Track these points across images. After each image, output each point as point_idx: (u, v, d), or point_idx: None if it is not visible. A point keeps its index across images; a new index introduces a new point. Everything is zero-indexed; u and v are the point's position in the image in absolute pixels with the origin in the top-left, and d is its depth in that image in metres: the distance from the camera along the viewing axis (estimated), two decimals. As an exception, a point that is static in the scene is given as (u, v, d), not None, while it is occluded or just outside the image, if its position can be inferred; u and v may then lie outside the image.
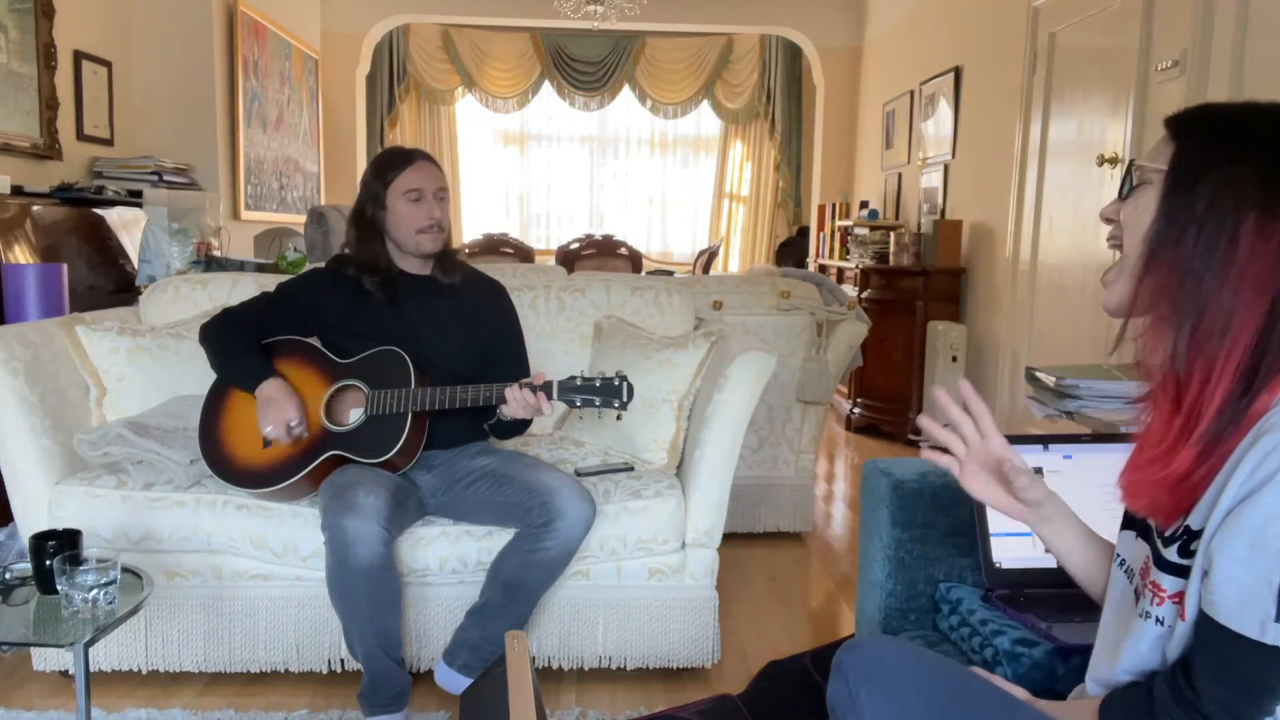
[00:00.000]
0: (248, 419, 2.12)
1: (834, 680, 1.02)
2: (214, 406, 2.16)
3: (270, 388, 2.08)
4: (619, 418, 2.07)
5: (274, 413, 2.05)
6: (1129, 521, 1.10)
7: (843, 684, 1.01)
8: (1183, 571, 0.95)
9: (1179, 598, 0.95)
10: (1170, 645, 0.96)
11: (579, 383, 2.01)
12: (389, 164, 2.20)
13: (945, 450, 1.27)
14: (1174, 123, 1.02)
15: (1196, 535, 0.94)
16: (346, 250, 2.26)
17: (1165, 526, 0.99)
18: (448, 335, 2.21)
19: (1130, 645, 1.00)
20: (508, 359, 2.28)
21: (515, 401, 2.00)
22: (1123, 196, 1.04)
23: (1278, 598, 0.85)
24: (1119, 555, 1.10)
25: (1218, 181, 0.94)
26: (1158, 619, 0.97)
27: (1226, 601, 0.88)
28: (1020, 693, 1.09)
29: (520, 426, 2.22)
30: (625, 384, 2.00)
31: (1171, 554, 0.96)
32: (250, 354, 2.14)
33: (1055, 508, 1.20)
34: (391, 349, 2.12)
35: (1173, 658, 0.96)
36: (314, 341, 2.21)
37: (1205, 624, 0.90)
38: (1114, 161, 3.36)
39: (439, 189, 2.20)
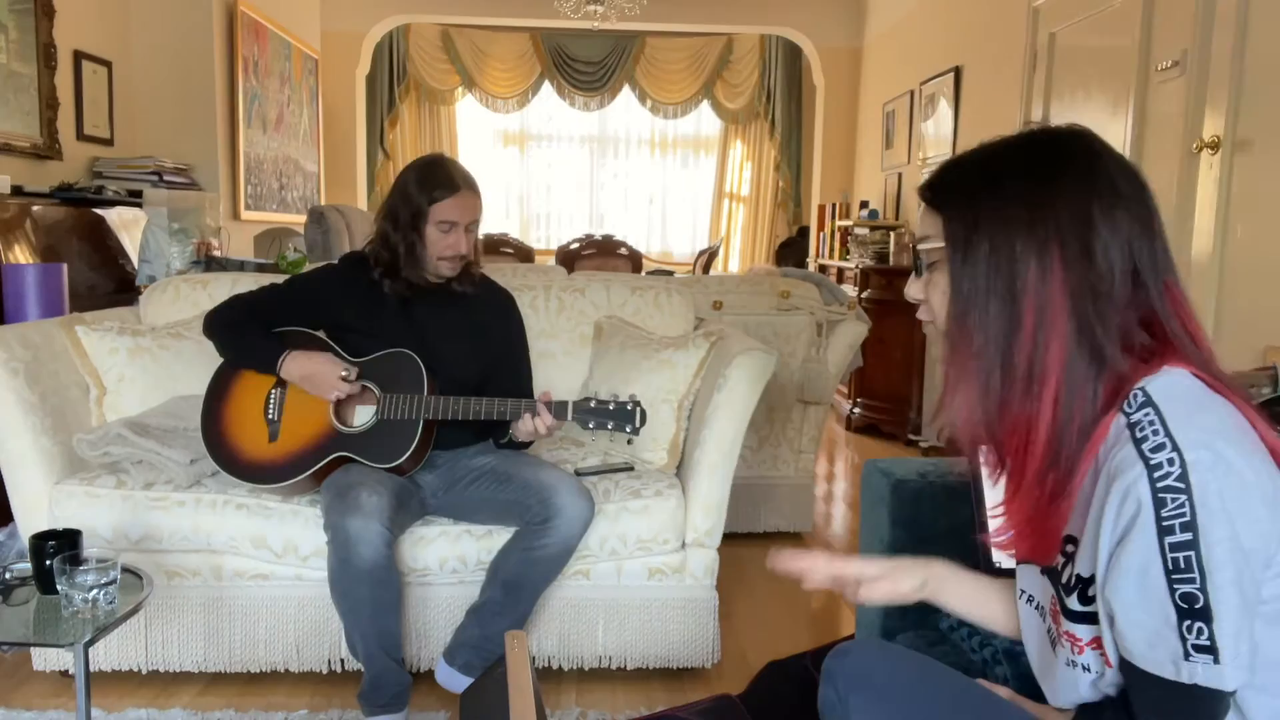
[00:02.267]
0: (252, 412, 2.12)
1: (824, 687, 1.03)
2: (216, 401, 2.16)
3: (295, 364, 2.08)
4: (630, 442, 2.07)
5: (322, 380, 2.06)
6: None
7: (832, 691, 1.01)
8: (1090, 618, 0.94)
9: (1097, 644, 0.95)
10: (1105, 686, 0.96)
11: (593, 405, 2.01)
12: (435, 183, 2.12)
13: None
14: (927, 191, 1.02)
15: (1089, 581, 0.93)
16: (369, 248, 2.21)
17: (1045, 564, 1.00)
18: (456, 343, 2.20)
19: (1066, 691, 1.00)
20: (511, 371, 2.28)
21: (530, 424, 2.01)
22: (919, 275, 1.04)
23: (1179, 636, 0.84)
24: (1022, 589, 1.09)
25: (988, 240, 0.94)
26: (1084, 667, 0.97)
27: (1137, 645, 0.87)
28: (1004, 691, 1.10)
29: (525, 447, 2.23)
30: (639, 410, 1.99)
31: (1074, 603, 0.96)
32: (262, 335, 2.14)
33: (935, 573, 1.20)
34: (404, 352, 2.11)
35: (1115, 693, 0.96)
36: (323, 336, 2.20)
37: (1127, 668, 0.90)
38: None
39: (473, 222, 2.17)
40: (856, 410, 5.29)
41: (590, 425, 2.01)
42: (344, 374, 2.06)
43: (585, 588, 2.21)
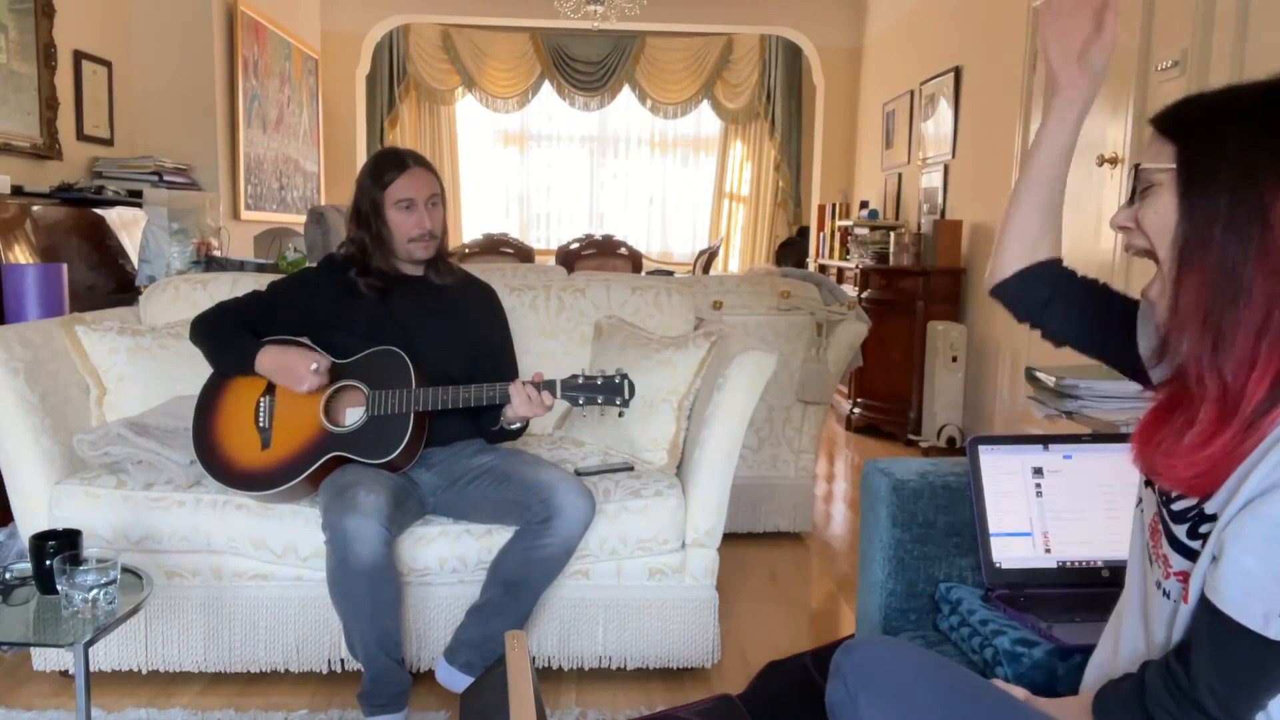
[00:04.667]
0: (243, 422, 2.12)
1: (833, 683, 1.02)
2: (207, 412, 2.16)
3: (268, 357, 2.09)
4: (620, 415, 2.08)
5: (292, 370, 2.06)
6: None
7: (842, 686, 1.00)
8: (1189, 553, 0.94)
9: (1182, 577, 0.95)
10: (1176, 626, 0.96)
11: (580, 381, 2.04)
12: (383, 167, 2.21)
13: None
14: (1164, 121, 1.00)
15: (1208, 519, 0.93)
16: (343, 249, 2.27)
17: (1189, 496, 0.98)
18: (438, 335, 2.22)
19: (1151, 611, 1.01)
20: (497, 361, 2.30)
21: (521, 399, 2.01)
22: (1132, 203, 1.02)
23: None
24: (1140, 498, 1.09)
25: (1232, 169, 0.92)
26: (1165, 592, 0.97)
27: (1232, 591, 0.87)
28: (1020, 692, 1.09)
29: (517, 433, 2.24)
30: (626, 381, 2.02)
31: (1180, 533, 0.96)
32: (241, 337, 2.15)
33: (1086, 103, 1.20)
34: (389, 348, 2.12)
35: (1175, 640, 0.95)
36: (307, 341, 2.21)
37: (1207, 611, 0.90)
38: (1114, 162, 3.36)
39: (432, 195, 2.21)
40: (856, 410, 5.29)
41: (580, 401, 2.03)
42: (314, 366, 2.06)
43: (585, 588, 2.21)
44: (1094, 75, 1.19)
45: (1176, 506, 0.98)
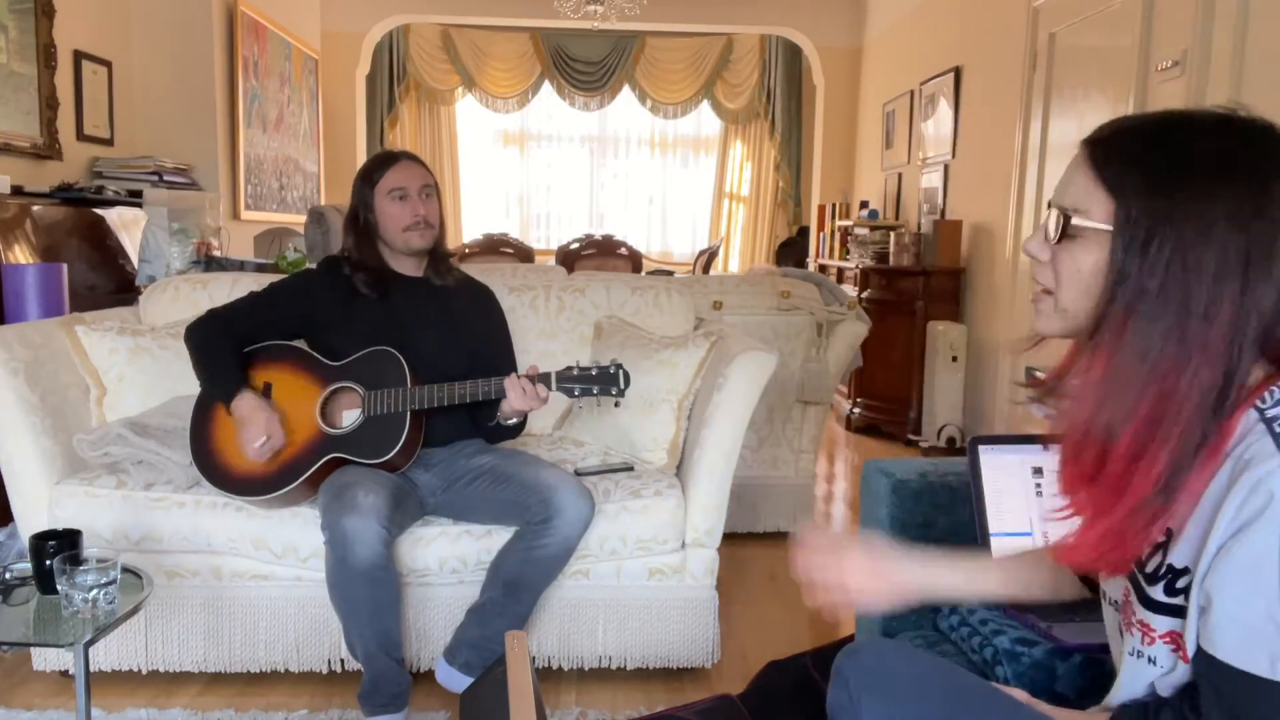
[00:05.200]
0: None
1: (834, 687, 1.01)
2: (204, 416, 2.16)
3: (242, 405, 2.06)
4: (616, 404, 2.09)
5: (247, 433, 2.05)
6: None
7: (843, 691, 0.99)
8: (1172, 610, 0.91)
9: (1170, 637, 0.92)
10: (1167, 683, 0.94)
11: (575, 372, 2.05)
12: (374, 166, 2.25)
13: None
14: (1101, 162, 0.92)
15: (1181, 573, 0.90)
16: (343, 253, 2.28)
17: (1119, 574, 0.98)
18: (437, 335, 2.22)
19: (1127, 684, 0.98)
20: (496, 362, 2.29)
21: (516, 392, 2.02)
22: (1050, 239, 0.96)
23: None
24: (1104, 590, 1.07)
25: (1172, 249, 0.86)
26: (1150, 659, 0.94)
27: (1230, 641, 0.85)
28: (1020, 695, 1.09)
29: (515, 431, 2.23)
30: (621, 371, 2.03)
31: (1158, 593, 0.93)
32: (226, 365, 2.12)
33: (924, 569, 1.17)
34: (384, 349, 2.12)
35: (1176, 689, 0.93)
36: (301, 345, 2.21)
37: (1208, 662, 0.87)
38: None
39: (424, 186, 2.23)
40: (856, 410, 5.29)
41: (576, 393, 2.04)
42: (259, 444, 2.03)
43: (585, 588, 2.21)
44: (896, 589, 1.16)
45: (1148, 568, 0.95)
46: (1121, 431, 0.89)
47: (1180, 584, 0.90)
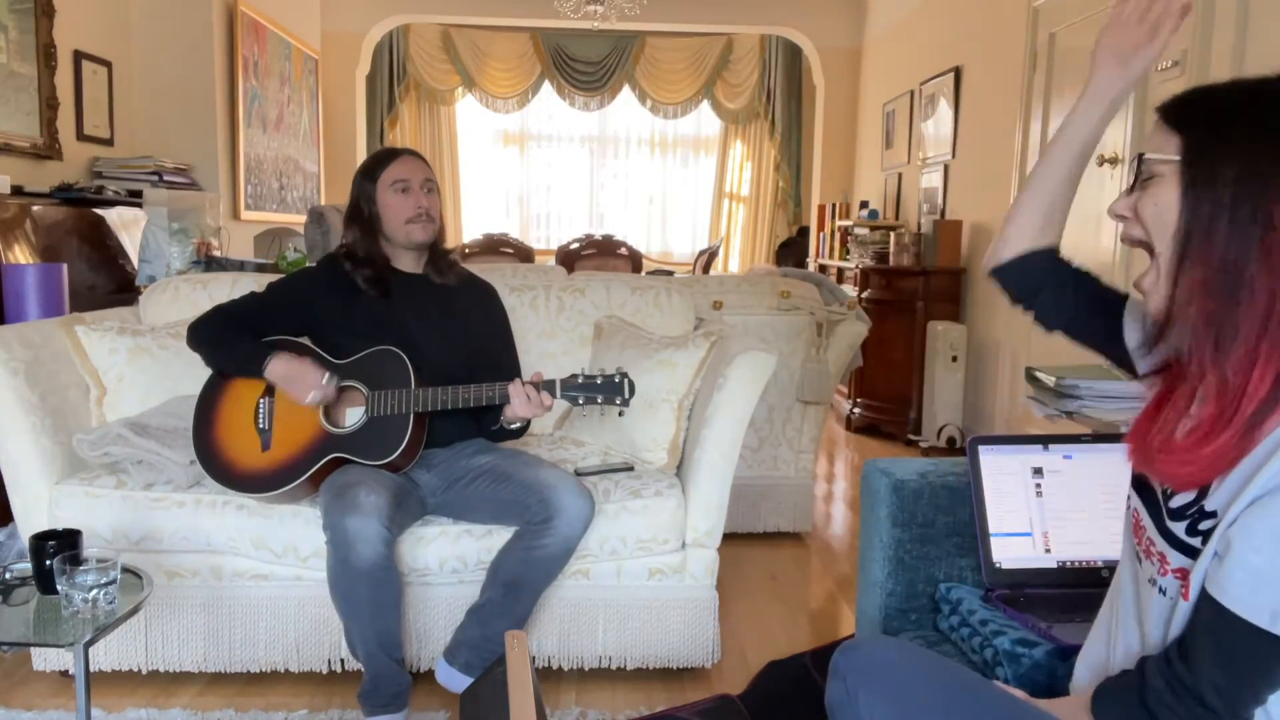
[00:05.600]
0: (243, 424, 2.12)
1: (832, 683, 1.01)
2: (206, 414, 2.16)
3: (280, 364, 2.07)
4: (620, 414, 2.08)
5: (301, 381, 2.05)
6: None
7: (841, 686, 1.00)
8: (1187, 550, 0.94)
9: (1180, 573, 0.95)
10: (1173, 623, 0.96)
11: (580, 380, 2.03)
12: (376, 161, 2.26)
13: None
14: (1171, 111, 0.99)
15: (1208, 516, 0.93)
16: (342, 249, 2.28)
17: (1179, 492, 0.98)
18: (439, 333, 2.22)
19: (1147, 617, 1.00)
20: (498, 360, 2.29)
21: (520, 399, 2.01)
22: (1132, 191, 1.01)
23: None
24: (1129, 495, 1.09)
25: (1238, 165, 0.91)
26: (1162, 589, 0.97)
27: (1238, 588, 0.87)
28: (1018, 694, 1.09)
29: (519, 432, 2.24)
30: (626, 380, 2.02)
31: (1179, 530, 0.96)
32: (246, 341, 2.14)
33: (1115, 100, 1.18)
34: (388, 348, 2.12)
35: (1173, 636, 0.95)
36: (306, 341, 2.21)
37: (1210, 608, 0.90)
38: (1114, 161, 3.36)
39: (426, 180, 2.24)
40: (856, 410, 5.29)
41: (580, 401, 2.03)
42: (325, 378, 2.04)
43: (585, 588, 2.21)
44: (1131, 76, 1.17)
45: (1175, 503, 0.98)
46: (1231, 345, 0.91)
47: (1203, 526, 0.93)
